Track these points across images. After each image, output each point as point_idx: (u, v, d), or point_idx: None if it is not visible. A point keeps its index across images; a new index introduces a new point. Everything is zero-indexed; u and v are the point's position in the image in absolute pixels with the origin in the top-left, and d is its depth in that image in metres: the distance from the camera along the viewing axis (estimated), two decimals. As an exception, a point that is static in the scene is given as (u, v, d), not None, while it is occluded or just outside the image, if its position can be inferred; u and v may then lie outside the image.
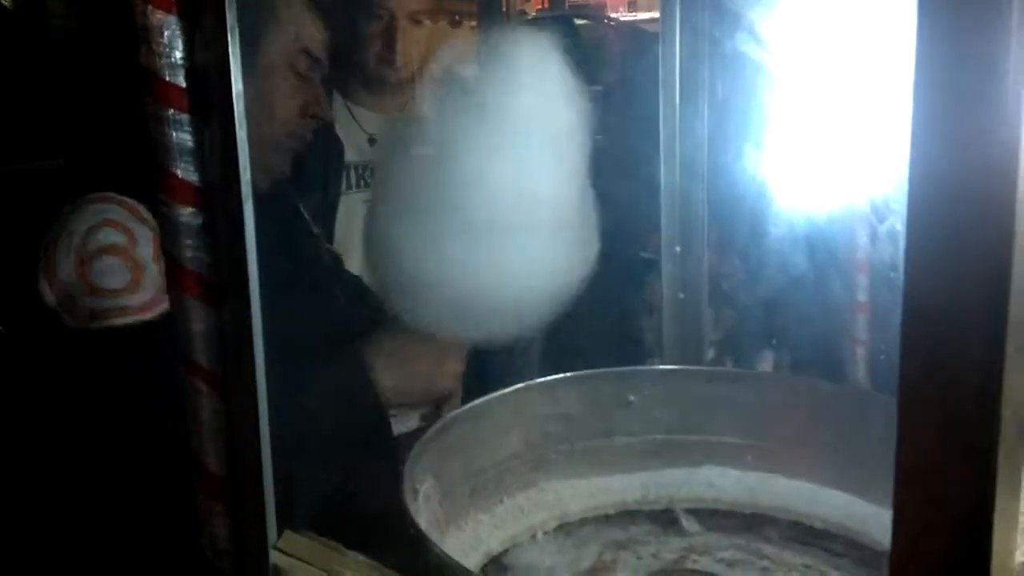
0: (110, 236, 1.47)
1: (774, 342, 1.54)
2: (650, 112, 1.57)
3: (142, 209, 1.46)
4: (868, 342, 1.72)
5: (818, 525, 1.31)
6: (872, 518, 1.29)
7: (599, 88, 3.49)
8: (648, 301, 1.89)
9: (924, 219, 0.49)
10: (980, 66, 0.47)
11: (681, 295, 1.45)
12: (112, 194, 1.49)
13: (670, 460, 1.41)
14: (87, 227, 1.47)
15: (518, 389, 1.37)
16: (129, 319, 1.42)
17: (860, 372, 1.75)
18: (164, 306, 1.23)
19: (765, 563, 1.30)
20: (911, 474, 0.52)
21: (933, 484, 0.51)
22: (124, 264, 1.44)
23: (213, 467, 1.05)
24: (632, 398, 1.41)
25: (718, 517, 1.37)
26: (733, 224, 1.43)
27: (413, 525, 1.07)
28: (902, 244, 0.49)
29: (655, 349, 1.63)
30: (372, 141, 2.26)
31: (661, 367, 1.56)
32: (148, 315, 1.41)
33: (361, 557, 1.05)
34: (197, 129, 1.01)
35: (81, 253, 1.45)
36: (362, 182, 2.26)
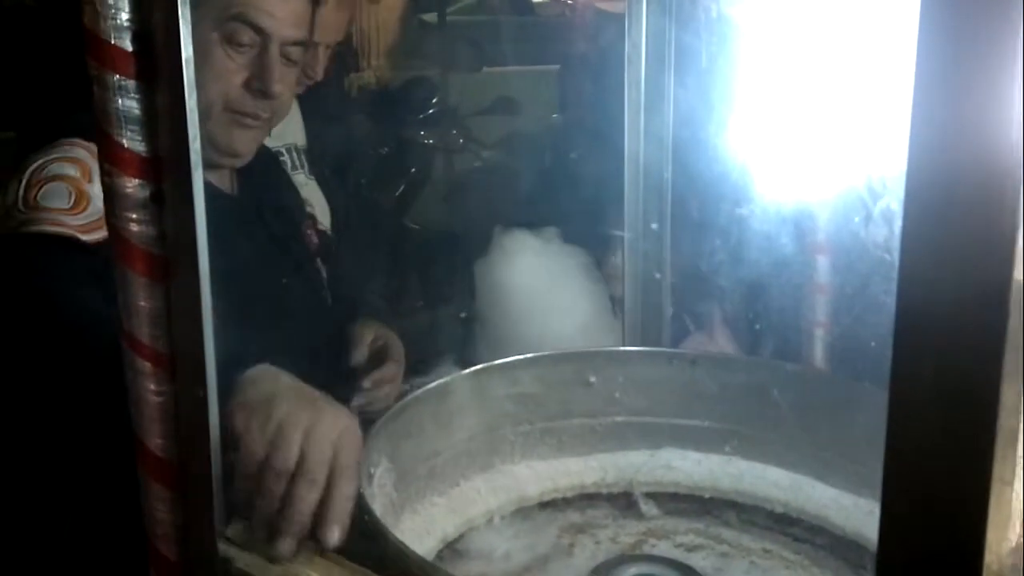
0: (64, 167, 1.45)
1: (758, 326, 1.53)
2: (609, 89, 1.55)
3: None
4: (828, 324, 1.72)
5: (778, 509, 1.31)
6: (833, 502, 1.29)
7: (556, 67, 3.48)
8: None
9: (922, 201, 0.47)
10: (986, 45, 0.45)
11: (657, 275, 1.44)
12: (82, 140, 1.45)
13: (630, 442, 1.40)
14: (46, 159, 1.46)
15: (477, 370, 1.34)
16: (62, 230, 1.37)
17: (819, 354, 1.75)
18: (103, 235, 1.15)
19: (724, 548, 1.30)
20: (902, 464, 0.50)
21: (925, 474, 0.49)
22: (70, 190, 1.42)
23: (157, 450, 1.01)
24: (592, 379, 1.39)
25: (677, 500, 1.36)
26: (714, 203, 1.41)
27: (366, 510, 1.04)
28: (897, 225, 0.47)
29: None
30: None
31: (622, 348, 1.54)
32: (85, 236, 1.36)
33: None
34: (144, 96, 0.96)
35: (33, 178, 1.43)
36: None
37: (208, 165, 1.04)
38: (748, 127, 1.27)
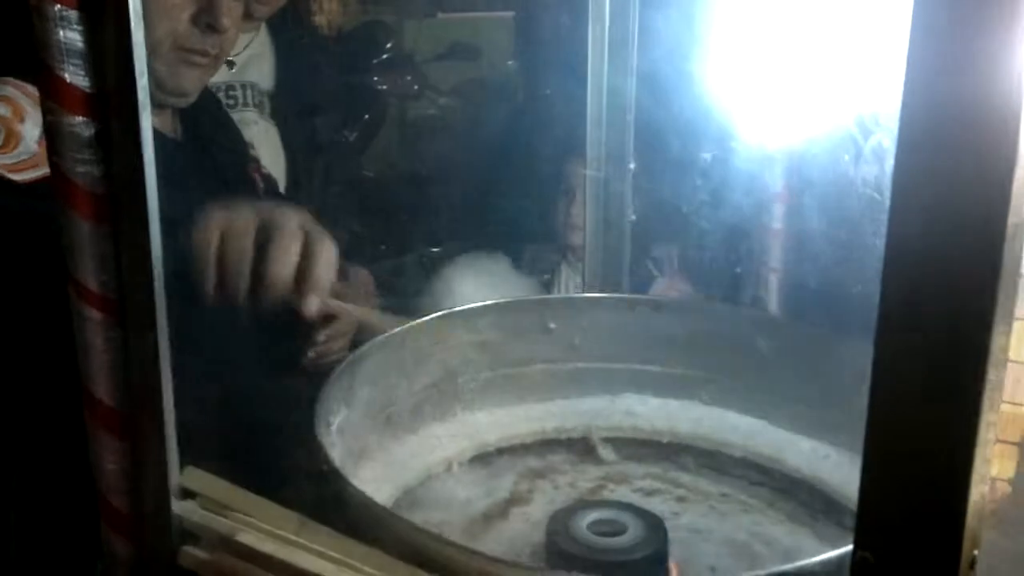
0: None
1: (739, 269, 1.52)
2: (570, 31, 1.52)
3: None
4: (781, 270, 1.73)
5: (737, 454, 1.31)
6: (790, 445, 1.29)
7: (512, 13, 3.43)
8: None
9: (916, 140, 0.45)
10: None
11: (633, 217, 1.41)
12: (13, 79, 1.37)
13: (589, 388, 1.39)
14: None
15: (437, 317, 1.32)
16: None
17: (773, 299, 1.76)
18: (40, 173, 1.10)
19: (682, 492, 1.30)
20: (887, 413, 0.49)
21: (910, 424, 0.48)
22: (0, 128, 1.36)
23: (106, 398, 0.98)
24: (553, 325, 1.38)
25: (636, 446, 1.36)
26: (694, 143, 1.39)
27: (325, 458, 1.02)
28: (889, 164, 0.45)
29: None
30: (231, 64, 2.13)
31: (582, 295, 1.53)
32: (15, 176, 1.31)
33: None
34: (88, 28, 0.91)
35: None
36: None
37: (152, 105, 0.99)
38: (723, 62, 1.24)
